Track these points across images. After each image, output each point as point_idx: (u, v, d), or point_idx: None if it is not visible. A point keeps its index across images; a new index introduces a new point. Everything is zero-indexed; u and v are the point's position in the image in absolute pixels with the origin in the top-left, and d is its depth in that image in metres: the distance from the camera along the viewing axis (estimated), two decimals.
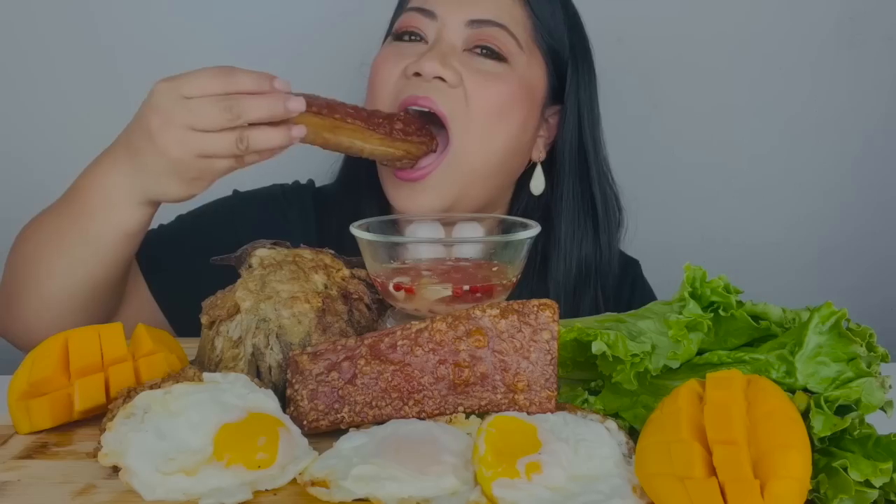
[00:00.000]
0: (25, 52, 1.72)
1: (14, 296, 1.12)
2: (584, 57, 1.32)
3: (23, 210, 1.18)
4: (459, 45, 1.21)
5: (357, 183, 1.34)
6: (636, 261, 1.48)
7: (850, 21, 1.79)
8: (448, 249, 0.96)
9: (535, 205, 1.33)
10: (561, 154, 1.31)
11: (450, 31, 1.21)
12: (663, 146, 1.82)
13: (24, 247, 1.13)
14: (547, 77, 1.28)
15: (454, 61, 1.19)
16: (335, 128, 1.07)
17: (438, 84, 1.18)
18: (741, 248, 1.84)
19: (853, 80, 1.81)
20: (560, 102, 1.31)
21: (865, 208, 1.87)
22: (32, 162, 1.75)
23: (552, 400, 0.78)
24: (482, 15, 1.21)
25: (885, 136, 1.84)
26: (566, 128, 1.31)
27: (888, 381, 0.76)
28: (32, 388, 0.83)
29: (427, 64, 1.17)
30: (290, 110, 0.97)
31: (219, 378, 0.80)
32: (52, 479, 0.74)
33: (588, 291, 1.32)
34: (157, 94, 0.96)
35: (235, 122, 0.94)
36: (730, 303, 0.82)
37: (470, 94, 1.19)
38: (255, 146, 0.97)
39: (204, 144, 0.95)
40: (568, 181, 1.31)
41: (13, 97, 1.73)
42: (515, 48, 1.22)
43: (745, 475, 0.61)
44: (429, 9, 1.23)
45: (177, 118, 0.94)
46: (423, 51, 1.20)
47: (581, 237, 1.31)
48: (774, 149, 1.84)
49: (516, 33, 1.23)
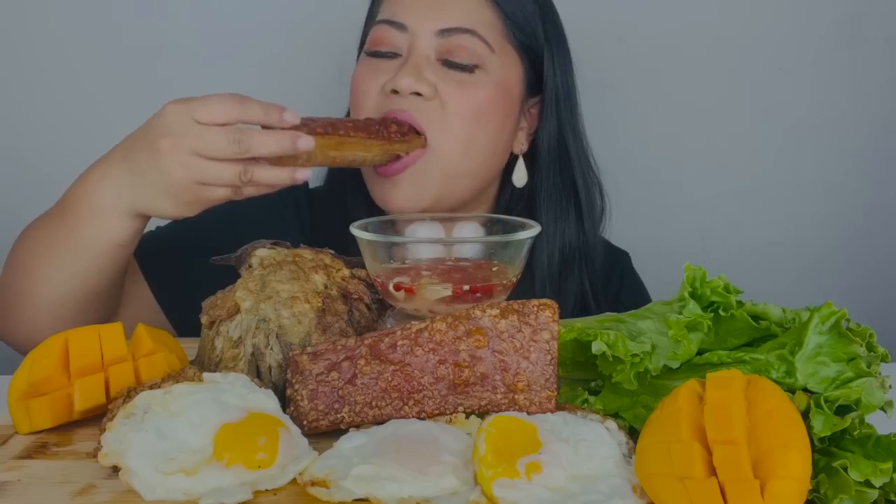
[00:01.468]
0: (24, 52, 1.72)
1: (11, 302, 1.13)
2: (559, 44, 1.33)
3: (23, 210, 1.18)
4: (433, 55, 1.22)
5: (344, 185, 1.35)
6: (626, 252, 1.49)
7: (850, 21, 1.79)
8: (448, 249, 0.96)
9: (519, 194, 1.34)
10: (541, 143, 1.32)
11: (421, 41, 1.22)
12: (663, 146, 1.83)
13: (19, 253, 1.13)
14: (523, 72, 1.29)
15: (428, 73, 1.20)
16: (339, 144, 1.08)
17: (415, 99, 1.19)
18: (741, 248, 1.85)
19: (853, 80, 1.81)
20: (539, 93, 1.32)
21: (865, 208, 1.87)
22: (32, 162, 1.75)
23: (552, 400, 0.78)
24: (451, 23, 1.22)
25: (885, 136, 1.84)
26: (546, 117, 1.32)
27: (888, 381, 0.76)
28: (32, 388, 0.83)
29: (402, 81, 1.18)
30: (298, 148, 0.99)
31: (219, 378, 0.80)
32: (52, 479, 0.74)
33: (573, 275, 1.33)
34: (169, 115, 0.97)
35: (242, 154, 0.96)
36: (730, 303, 0.82)
37: (446, 103, 1.20)
38: (258, 181, 0.98)
39: (207, 171, 0.97)
40: (549, 169, 1.32)
41: (12, 97, 1.73)
42: (487, 52, 1.23)
43: (745, 475, 0.61)
44: (398, 21, 1.23)
45: (186, 142, 0.95)
46: (398, 65, 1.22)
47: (564, 224, 1.32)
48: (774, 149, 1.84)
49: (487, 36, 1.23)
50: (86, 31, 1.72)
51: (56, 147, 1.74)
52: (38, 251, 1.08)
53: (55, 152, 1.73)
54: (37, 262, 1.08)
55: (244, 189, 1.00)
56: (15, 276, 1.12)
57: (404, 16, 1.23)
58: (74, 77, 1.73)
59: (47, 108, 1.74)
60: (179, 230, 1.29)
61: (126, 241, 1.06)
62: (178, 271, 1.21)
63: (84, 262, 1.06)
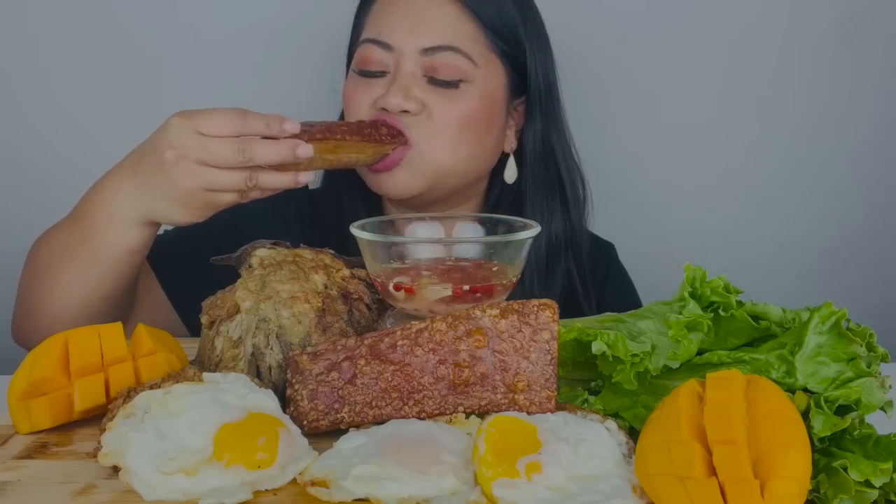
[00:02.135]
0: (24, 52, 1.72)
1: (29, 308, 1.19)
2: (539, 41, 1.36)
3: (23, 209, 1.18)
4: (419, 72, 1.26)
5: (340, 186, 1.39)
6: (611, 244, 1.53)
7: (850, 21, 1.79)
8: (448, 249, 0.96)
9: (508, 189, 1.38)
10: (527, 141, 1.37)
11: (407, 60, 1.26)
12: (663, 146, 1.82)
13: (36, 262, 1.19)
14: (507, 78, 1.33)
15: (415, 91, 1.25)
16: (336, 148, 1.14)
17: (403, 115, 1.24)
18: (741, 248, 1.84)
19: (853, 80, 1.81)
20: (524, 92, 1.36)
21: (865, 208, 1.87)
22: (33, 163, 1.75)
23: (552, 400, 0.78)
24: (434, 41, 1.26)
25: (885, 136, 1.84)
26: (531, 116, 1.36)
27: (888, 381, 0.76)
28: (32, 388, 0.83)
29: (392, 100, 1.23)
30: (299, 156, 1.05)
31: (219, 378, 0.80)
32: (52, 479, 0.74)
33: (559, 265, 1.37)
34: (173, 128, 1.02)
35: (247, 163, 1.02)
36: (730, 303, 0.83)
37: (433, 115, 1.25)
38: (263, 186, 1.05)
39: (214, 179, 1.02)
40: (536, 165, 1.37)
41: (12, 97, 1.73)
42: (471, 67, 1.27)
43: (745, 475, 0.61)
44: (384, 41, 1.27)
45: (192, 153, 1.01)
46: (386, 82, 1.27)
47: (550, 216, 1.36)
48: (774, 149, 1.84)
49: (470, 51, 1.27)
50: (86, 32, 1.71)
51: (56, 148, 1.73)
52: (55, 260, 1.14)
53: (55, 153, 1.73)
54: (53, 270, 1.14)
55: (250, 193, 1.06)
56: (32, 284, 1.18)
57: (389, 35, 1.27)
58: (75, 78, 1.72)
59: (47, 109, 1.73)
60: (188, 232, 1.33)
61: (140, 248, 1.12)
62: (189, 272, 1.23)
63: (99, 269, 1.11)
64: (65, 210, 1.17)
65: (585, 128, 1.46)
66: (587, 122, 1.49)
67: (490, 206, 1.38)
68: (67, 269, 1.12)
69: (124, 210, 1.08)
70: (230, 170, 1.02)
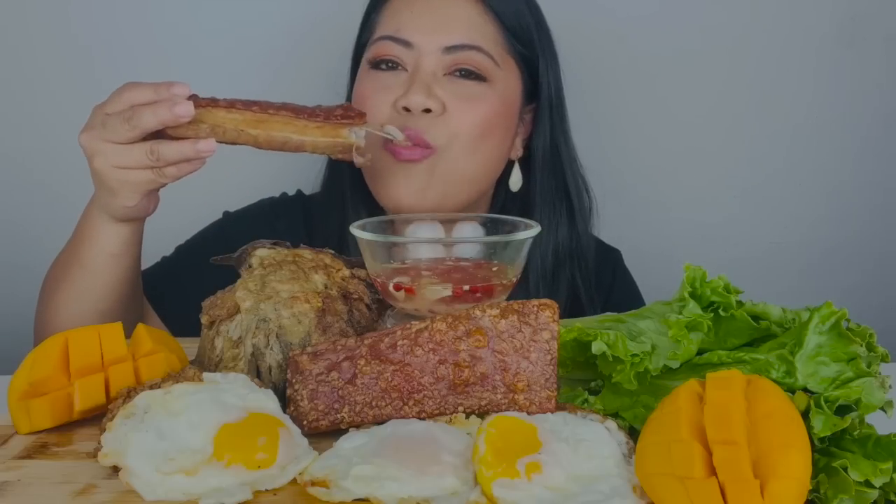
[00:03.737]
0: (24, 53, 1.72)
1: (41, 331, 1.21)
2: (550, 50, 1.35)
3: (22, 210, 1.18)
4: (440, 71, 1.24)
5: (342, 188, 1.36)
6: (617, 250, 1.53)
7: (850, 21, 1.79)
8: (448, 249, 0.96)
9: (513, 198, 1.37)
10: (536, 149, 1.36)
11: (428, 58, 1.24)
12: (663, 146, 1.82)
13: (43, 286, 1.23)
14: (522, 83, 1.32)
15: (437, 89, 1.23)
16: (259, 122, 1.02)
17: (425, 116, 1.22)
18: (741, 248, 1.84)
19: (853, 80, 1.81)
20: (534, 100, 1.35)
21: (866, 208, 1.87)
22: (33, 164, 1.74)
23: (552, 400, 0.78)
24: (457, 40, 1.24)
25: (885, 136, 1.84)
26: (540, 124, 1.35)
27: (888, 381, 0.76)
28: (32, 388, 0.83)
29: (414, 98, 1.21)
30: (176, 114, 0.97)
31: (219, 378, 0.80)
32: (52, 479, 0.74)
33: (564, 273, 1.37)
34: (90, 115, 1.04)
35: (134, 131, 0.98)
36: (730, 303, 0.82)
37: (454, 118, 1.23)
38: (166, 158, 1.00)
39: (119, 155, 1.01)
40: (543, 173, 1.36)
41: (12, 97, 1.73)
42: (492, 67, 1.26)
43: (745, 475, 0.61)
44: (404, 38, 1.25)
45: (97, 133, 1.01)
46: (403, 79, 1.24)
47: (557, 225, 1.36)
48: (774, 149, 1.84)
49: (491, 51, 1.26)
50: (87, 33, 1.71)
51: (57, 149, 1.73)
52: (56, 280, 1.18)
53: (56, 154, 1.73)
54: (55, 290, 1.18)
55: (165, 169, 1.01)
56: (41, 306, 1.22)
57: (409, 33, 1.25)
58: (75, 79, 1.72)
59: (48, 109, 1.73)
60: (177, 260, 1.38)
61: (117, 250, 1.12)
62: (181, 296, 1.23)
63: (89, 280, 1.13)
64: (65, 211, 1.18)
65: (585, 128, 1.46)
66: (587, 122, 1.49)
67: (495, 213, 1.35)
68: (63, 287, 1.16)
69: (96, 213, 1.10)
70: (130, 144, 1.00)
